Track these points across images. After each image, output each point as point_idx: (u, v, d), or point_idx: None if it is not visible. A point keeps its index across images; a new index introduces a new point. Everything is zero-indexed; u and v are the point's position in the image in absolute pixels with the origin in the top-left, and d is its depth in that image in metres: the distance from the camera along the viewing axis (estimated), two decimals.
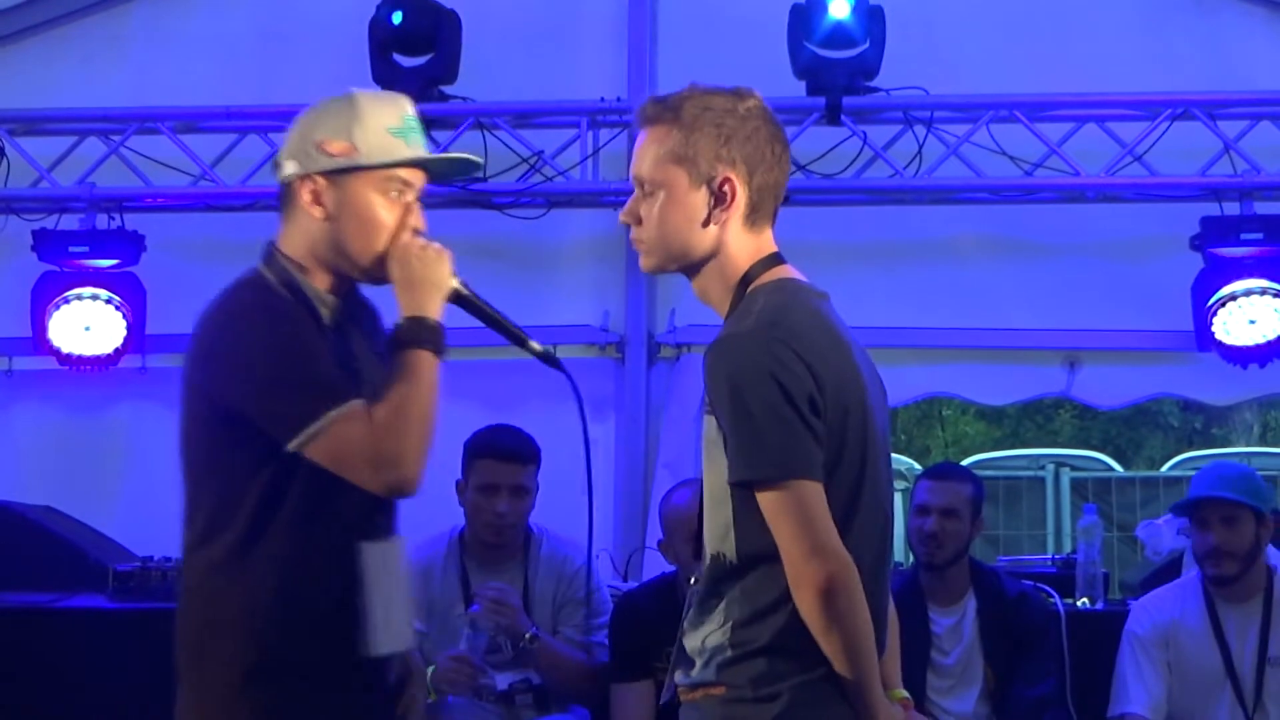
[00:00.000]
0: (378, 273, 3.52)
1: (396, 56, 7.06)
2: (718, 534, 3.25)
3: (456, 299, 3.57)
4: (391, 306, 3.56)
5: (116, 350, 7.23)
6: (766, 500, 3.13)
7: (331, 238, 3.51)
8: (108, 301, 7.18)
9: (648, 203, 3.35)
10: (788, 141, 3.42)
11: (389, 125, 3.53)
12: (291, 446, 3.33)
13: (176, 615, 3.55)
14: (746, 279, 3.33)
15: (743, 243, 3.34)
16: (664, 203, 3.32)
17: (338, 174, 3.49)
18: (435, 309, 3.49)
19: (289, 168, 3.54)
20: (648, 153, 3.34)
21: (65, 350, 7.21)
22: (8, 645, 6.19)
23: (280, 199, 3.58)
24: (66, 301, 7.18)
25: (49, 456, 7.52)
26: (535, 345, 3.65)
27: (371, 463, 3.33)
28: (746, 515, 3.18)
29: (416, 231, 3.54)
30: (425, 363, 3.43)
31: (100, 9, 7.67)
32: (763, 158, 3.33)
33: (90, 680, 6.08)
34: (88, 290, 7.18)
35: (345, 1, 7.30)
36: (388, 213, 3.50)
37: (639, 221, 3.36)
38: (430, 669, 5.47)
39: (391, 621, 3.53)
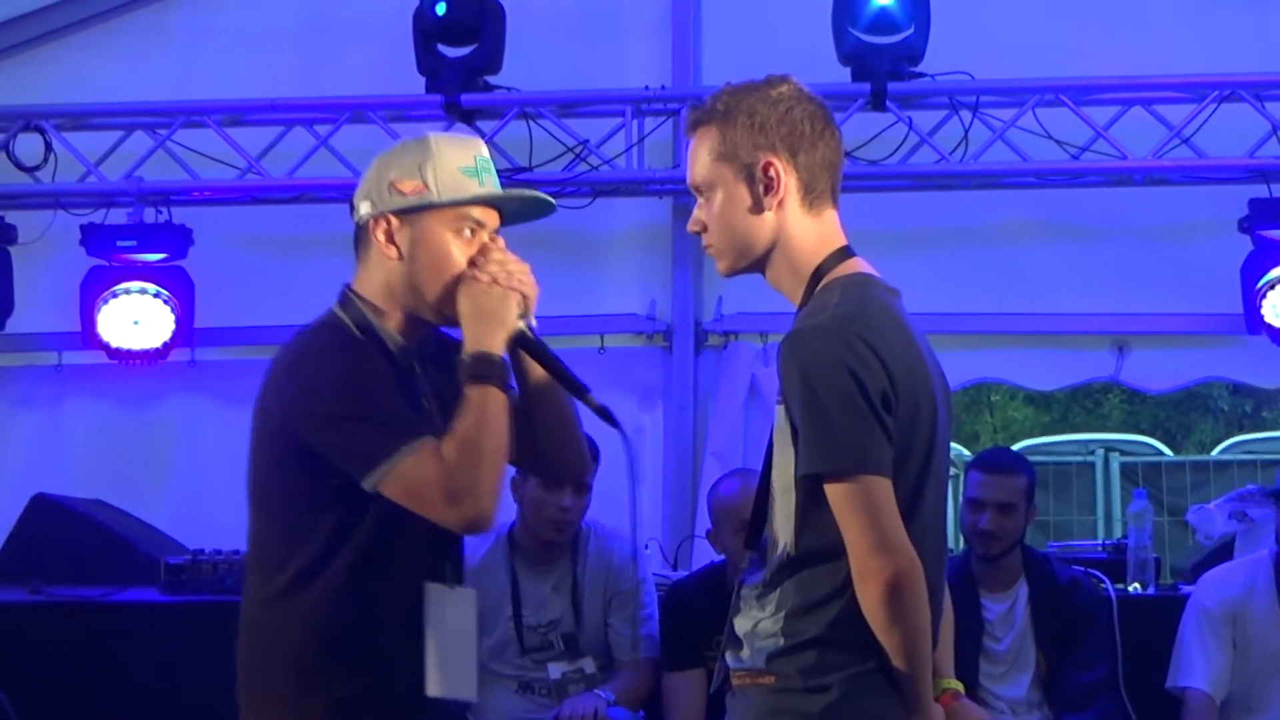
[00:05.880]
0: (449, 310, 3.49)
1: (441, 47, 7.06)
2: (780, 524, 3.24)
3: (521, 340, 3.52)
4: None
5: (165, 344, 7.26)
6: (836, 493, 3.12)
7: (406, 277, 3.49)
8: (156, 295, 7.21)
9: (708, 207, 3.36)
10: (831, 117, 3.42)
11: (461, 165, 3.50)
12: (367, 484, 3.33)
13: (239, 642, 3.53)
14: (819, 273, 3.32)
15: (805, 227, 3.34)
16: (720, 202, 3.34)
17: (411, 212, 3.47)
18: (499, 344, 3.46)
19: (363, 209, 3.52)
20: (696, 158, 3.37)
21: (114, 344, 7.24)
22: (60, 638, 6.23)
23: (356, 241, 3.57)
24: (115, 295, 7.21)
25: (99, 450, 7.55)
26: (593, 400, 3.58)
27: (446, 497, 3.31)
28: (810, 508, 3.17)
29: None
30: (491, 398, 3.39)
31: (145, 3, 7.69)
32: (802, 135, 3.34)
33: (142, 673, 6.12)
34: (136, 284, 7.22)
35: None
36: (460, 251, 3.48)
37: (705, 228, 3.38)
38: None
39: (452, 667, 3.51)
